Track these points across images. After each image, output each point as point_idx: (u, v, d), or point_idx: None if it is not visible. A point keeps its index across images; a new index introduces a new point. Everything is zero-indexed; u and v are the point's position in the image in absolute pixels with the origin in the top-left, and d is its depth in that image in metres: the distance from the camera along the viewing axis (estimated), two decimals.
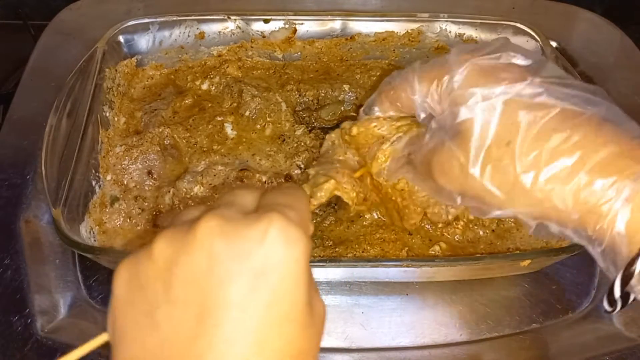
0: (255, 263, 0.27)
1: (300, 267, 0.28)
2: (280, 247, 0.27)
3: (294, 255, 0.27)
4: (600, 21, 0.78)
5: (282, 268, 0.27)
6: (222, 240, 0.27)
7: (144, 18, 0.66)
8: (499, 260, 0.50)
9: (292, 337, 0.27)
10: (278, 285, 0.27)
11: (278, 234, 0.27)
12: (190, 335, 0.26)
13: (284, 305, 0.27)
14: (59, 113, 0.55)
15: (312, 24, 0.68)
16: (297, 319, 0.27)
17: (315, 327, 0.29)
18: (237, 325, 0.26)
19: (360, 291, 0.55)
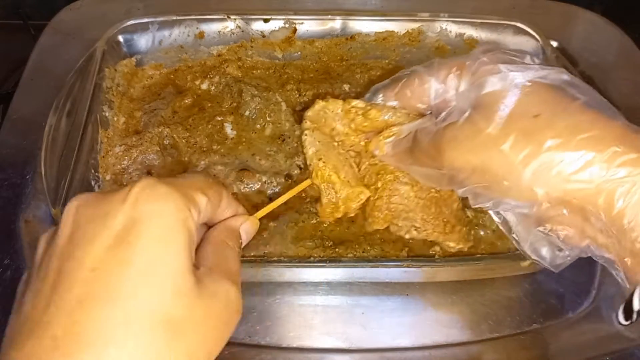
0: (114, 222, 0.26)
1: (166, 222, 0.27)
2: (143, 202, 0.27)
3: (157, 211, 0.27)
4: (600, 21, 0.78)
5: (143, 224, 0.26)
6: (85, 208, 0.27)
7: (144, 18, 0.66)
8: (500, 260, 0.50)
9: (154, 296, 0.25)
10: (135, 241, 0.26)
11: (141, 191, 0.27)
12: (43, 304, 0.25)
13: (143, 263, 0.25)
14: (58, 113, 0.55)
15: (312, 23, 0.68)
16: (162, 278, 0.26)
17: (202, 300, 0.27)
18: (88, 286, 0.25)
19: (361, 291, 0.55)
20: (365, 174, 0.49)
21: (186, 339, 0.26)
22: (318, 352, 0.51)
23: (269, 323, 0.53)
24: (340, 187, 0.47)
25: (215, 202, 0.32)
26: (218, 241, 0.33)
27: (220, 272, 0.30)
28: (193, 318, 0.27)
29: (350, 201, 0.48)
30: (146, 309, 0.25)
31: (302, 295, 0.54)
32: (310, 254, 0.51)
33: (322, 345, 0.52)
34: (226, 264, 0.31)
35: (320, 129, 0.49)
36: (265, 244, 0.52)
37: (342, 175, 0.47)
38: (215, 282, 0.29)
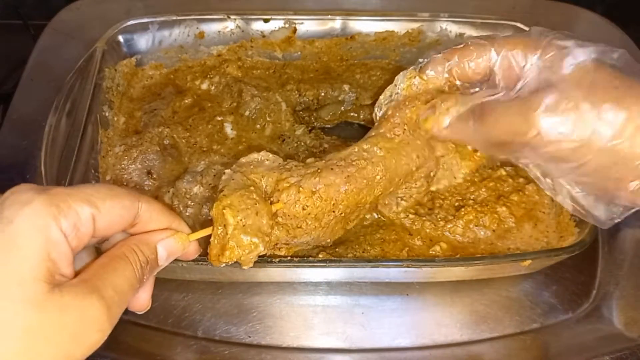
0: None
1: (15, 229, 0.26)
2: (3, 209, 0.27)
3: (10, 216, 0.27)
4: (600, 21, 0.78)
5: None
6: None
7: (144, 18, 0.66)
8: (500, 260, 0.50)
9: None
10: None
11: (8, 196, 0.27)
12: None
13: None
14: (58, 113, 0.55)
15: (312, 23, 0.68)
16: (2, 285, 0.26)
17: (45, 311, 0.26)
18: None
19: (361, 291, 0.55)
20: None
21: (9, 345, 0.25)
22: (318, 352, 0.51)
23: (269, 323, 0.53)
24: (232, 229, 0.40)
25: (117, 214, 0.31)
26: (115, 253, 0.32)
27: (90, 285, 0.29)
28: (19, 326, 0.26)
29: (239, 248, 0.40)
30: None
31: (302, 295, 0.55)
32: (310, 254, 0.51)
33: (322, 345, 0.52)
34: (107, 278, 0.30)
35: (244, 173, 0.45)
36: None
37: (238, 217, 0.40)
38: (74, 295, 0.28)
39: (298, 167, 0.45)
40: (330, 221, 0.45)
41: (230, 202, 0.41)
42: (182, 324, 0.52)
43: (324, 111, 0.65)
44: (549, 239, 0.53)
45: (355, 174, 0.45)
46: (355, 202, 0.45)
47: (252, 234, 0.41)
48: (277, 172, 0.45)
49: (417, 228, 0.53)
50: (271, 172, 0.45)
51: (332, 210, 0.44)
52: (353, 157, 0.45)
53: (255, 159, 0.46)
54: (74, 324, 0.27)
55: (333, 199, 0.44)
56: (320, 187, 0.43)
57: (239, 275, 0.53)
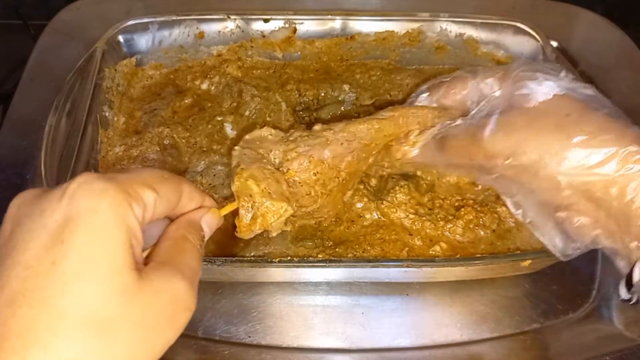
0: (50, 220, 0.26)
1: (100, 218, 0.26)
2: (78, 199, 0.26)
3: (92, 208, 0.26)
4: (600, 21, 0.78)
5: (77, 222, 0.26)
6: (26, 204, 0.27)
7: (144, 18, 0.66)
8: (500, 260, 0.50)
9: (85, 297, 0.25)
10: (69, 240, 0.25)
11: (77, 188, 0.26)
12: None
13: (75, 262, 0.25)
14: (58, 113, 0.55)
15: (312, 23, 0.68)
16: (95, 277, 0.25)
17: (141, 298, 0.26)
18: (20, 285, 0.24)
19: (361, 291, 0.55)
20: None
21: (120, 339, 0.25)
22: (318, 352, 0.51)
23: (269, 323, 0.53)
24: (259, 197, 0.42)
25: (170, 197, 0.32)
26: (176, 235, 0.33)
27: (171, 266, 0.29)
28: (128, 317, 0.26)
29: (270, 214, 0.42)
30: (75, 309, 0.25)
31: (302, 295, 0.55)
32: (310, 254, 0.51)
33: (322, 345, 0.52)
34: (182, 259, 0.31)
35: (252, 149, 0.46)
36: (265, 244, 0.52)
37: (262, 185, 0.42)
38: (162, 277, 0.28)
39: (303, 137, 0.48)
40: (334, 187, 0.48)
41: (251, 173, 0.43)
42: None
43: (324, 111, 0.65)
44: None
45: (359, 148, 0.48)
46: (355, 170, 0.49)
47: (279, 199, 0.43)
48: (283, 145, 0.47)
49: (417, 228, 0.53)
50: (277, 145, 0.47)
51: (337, 177, 0.48)
52: (362, 134, 0.48)
53: (259, 135, 0.48)
54: (168, 306, 0.28)
55: (338, 166, 0.48)
56: (328, 156, 0.47)
57: (239, 275, 0.53)
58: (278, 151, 0.47)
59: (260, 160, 0.45)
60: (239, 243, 0.52)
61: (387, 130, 0.49)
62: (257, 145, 0.47)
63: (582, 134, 0.38)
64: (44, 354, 0.24)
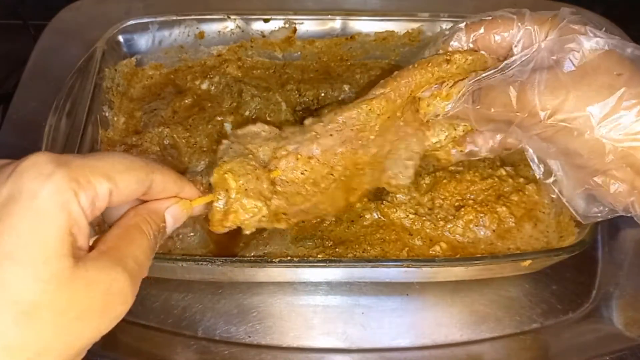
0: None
1: (39, 204, 0.26)
2: (24, 180, 0.26)
3: (33, 190, 0.26)
4: (600, 21, 0.78)
5: (18, 202, 0.25)
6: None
7: (144, 18, 0.66)
8: (500, 260, 0.50)
9: (11, 279, 0.25)
10: (5, 219, 0.25)
11: (26, 167, 0.26)
12: None
13: (9, 242, 0.25)
14: (58, 113, 0.55)
15: (312, 23, 0.68)
16: (25, 261, 0.25)
17: (71, 287, 0.26)
18: None
19: (361, 291, 0.55)
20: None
21: (40, 326, 0.25)
22: (318, 352, 0.51)
23: (269, 323, 0.53)
24: (234, 193, 0.41)
25: (131, 188, 0.31)
26: (129, 223, 0.32)
27: (113, 257, 0.29)
28: (53, 305, 0.25)
29: (243, 211, 0.41)
30: (0, 289, 0.24)
31: (302, 295, 0.54)
32: (310, 254, 0.51)
33: (322, 345, 0.52)
34: (127, 249, 0.30)
35: (241, 144, 0.45)
36: (265, 244, 0.52)
37: (240, 181, 0.41)
38: (99, 268, 0.28)
39: (295, 133, 0.46)
40: (330, 185, 0.45)
41: (231, 167, 0.41)
42: (182, 324, 0.52)
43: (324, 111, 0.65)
44: (549, 239, 0.53)
45: (352, 136, 0.45)
46: (353, 163, 0.46)
47: (255, 197, 0.41)
48: (274, 142, 0.45)
49: (417, 228, 0.53)
50: (269, 142, 0.45)
51: (330, 174, 0.45)
52: (353, 121, 0.45)
53: (252, 131, 0.47)
54: (101, 298, 0.27)
55: (330, 161, 0.45)
56: (317, 152, 0.44)
57: (239, 275, 0.53)
58: (267, 148, 0.45)
59: (245, 156, 0.43)
60: (239, 243, 0.52)
61: (379, 109, 0.45)
62: (247, 140, 0.46)
63: (633, 97, 0.36)
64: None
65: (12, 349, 0.25)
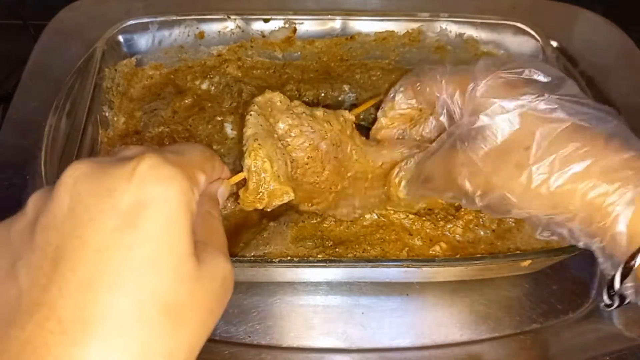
0: (119, 201, 0.25)
1: (171, 207, 0.26)
2: (149, 184, 0.26)
3: (163, 195, 0.26)
4: (600, 21, 0.78)
5: (150, 208, 0.25)
6: (86, 180, 0.26)
7: (144, 18, 0.66)
8: (500, 260, 0.50)
9: (159, 284, 0.25)
10: (143, 225, 0.25)
11: (147, 171, 0.26)
12: (44, 283, 0.24)
13: (149, 249, 0.25)
14: (58, 113, 0.55)
15: (312, 23, 0.68)
16: (167, 265, 0.25)
17: (202, 283, 0.27)
18: (93, 268, 0.24)
19: (361, 291, 0.55)
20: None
21: (187, 325, 0.26)
22: (318, 352, 0.51)
23: (269, 323, 0.53)
24: (270, 177, 0.43)
25: (210, 177, 0.33)
26: (203, 212, 0.33)
27: (214, 247, 0.30)
28: (193, 303, 0.26)
29: (274, 197, 0.44)
30: (151, 296, 0.25)
31: (302, 295, 0.55)
32: (310, 254, 0.51)
33: (322, 345, 0.52)
34: (217, 238, 0.31)
35: (265, 117, 0.47)
36: (265, 244, 0.52)
37: (274, 167, 0.44)
38: (213, 260, 0.29)
39: (307, 116, 0.49)
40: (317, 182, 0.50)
41: (267, 153, 0.44)
42: None
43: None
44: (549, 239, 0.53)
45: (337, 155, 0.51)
46: (335, 179, 0.51)
47: (286, 183, 0.44)
48: (289, 118, 0.48)
49: (417, 228, 0.53)
50: (283, 115, 0.48)
51: (321, 172, 0.50)
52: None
53: (269, 98, 0.49)
54: (220, 289, 0.28)
55: (324, 163, 0.49)
56: (322, 149, 0.48)
57: (239, 275, 0.53)
58: (284, 124, 0.47)
59: (272, 136, 0.45)
60: (239, 243, 0.52)
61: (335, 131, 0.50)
62: (268, 112, 0.47)
63: (541, 172, 0.35)
64: (126, 341, 0.24)
65: (175, 351, 0.25)
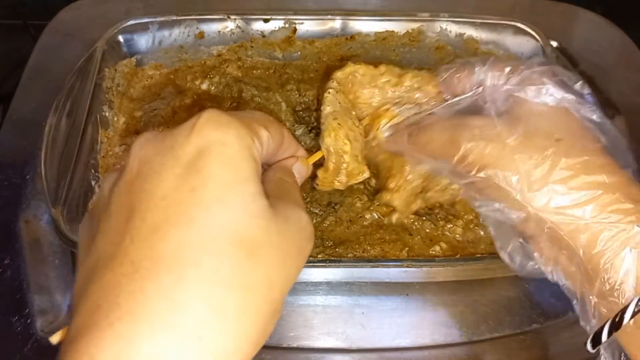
0: (181, 152, 0.26)
1: (231, 150, 0.27)
2: (207, 132, 0.27)
3: (221, 139, 0.27)
4: (600, 21, 0.78)
5: (209, 152, 0.26)
6: (150, 143, 0.28)
7: (144, 18, 0.66)
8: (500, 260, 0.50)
9: (228, 219, 0.25)
10: (204, 168, 0.26)
11: (205, 122, 0.27)
12: (118, 240, 0.25)
13: (214, 188, 0.25)
14: (58, 113, 0.55)
15: (312, 23, 0.68)
16: (235, 201, 0.26)
17: (276, 223, 0.27)
18: (162, 212, 0.25)
19: (361, 291, 0.55)
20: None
21: (263, 261, 0.26)
22: (318, 352, 0.51)
23: None
24: (349, 158, 0.44)
25: (277, 139, 0.32)
26: (275, 178, 0.33)
27: (289, 200, 0.30)
28: (269, 240, 0.26)
29: (352, 176, 0.44)
30: (221, 230, 0.25)
31: (302, 295, 0.55)
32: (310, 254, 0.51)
33: (322, 345, 0.52)
34: (292, 195, 0.32)
35: (345, 94, 0.46)
36: None
37: (353, 147, 0.44)
38: (287, 207, 0.29)
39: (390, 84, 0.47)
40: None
41: (346, 133, 0.43)
42: None
43: None
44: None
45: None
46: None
47: (363, 162, 0.44)
48: (368, 90, 0.47)
49: (417, 228, 0.53)
50: (367, 91, 0.47)
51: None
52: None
53: (351, 71, 0.47)
54: (297, 234, 0.28)
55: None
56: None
57: None
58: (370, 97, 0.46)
59: (350, 113, 0.45)
60: None
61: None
62: (348, 88, 0.46)
63: (567, 169, 0.34)
64: (197, 271, 0.24)
65: (252, 286, 0.25)
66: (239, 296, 0.24)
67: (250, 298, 0.25)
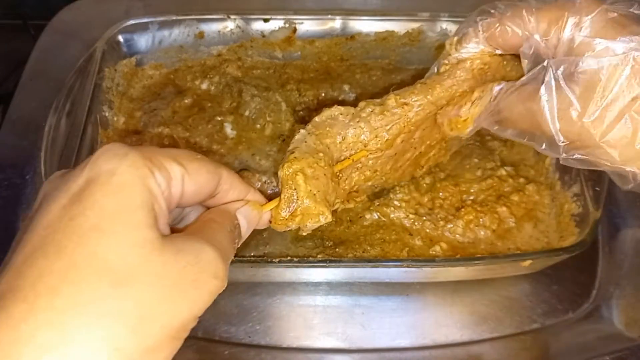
0: (72, 184, 0.26)
1: (119, 179, 0.26)
2: (100, 163, 0.27)
3: (112, 169, 0.26)
4: None
5: (96, 182, 0.26)
6: (56, 179, 0.28)
7: (144, 18, 0.66)
8: (500, 260, 0.50)
9: (101, 248, 0.25)
10: (87, 198, 0.26)
11: (101, 154, 0.27)
12: (1, 269, 0.26)
13: (93, 217, 0.25)
14: (58, 113, 0.55)
15: (312, 23, 0.68)
16: (113, 231, 0.25)
17: (162, 253, 0.26)
18: (38, 242, 0.25)
19: (361, 292, 0.55)
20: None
21: (138, 291, 0.25)
22: (318, 352, 0.51)
23: (269, 323, 0.53)
24: (303, 194, 0.39)
25: (202, 178, 0.31)
26: (206, 219, 0.33)
27: (198, 236, 0.29)
28: (150, 270, 0.25)
29: (307, 216, 0.40)
30: (89, 258, 0.24)
31: (302, 295, 0.54)
32: (310, 254, 0.51)
33: (322, 345, 0.52)
34: (210, 234, 0.30)
35: (320, 137, 0.44)
36: (265, 244, 0.52)
37: (310, 184, 0.40)
38: (187, 241, 0.28)
39: (375, 113, 0.45)
40: (404, 163, 0.49)
41: (302, 167, 0.40)
42: None
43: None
44: (549, 239, 0.53)
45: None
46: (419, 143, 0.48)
47: (322, 203, 0.40)
48: (352, 128, 0.45)
49: (417, 228, 0.53)
50: (347, 129, 0.45)
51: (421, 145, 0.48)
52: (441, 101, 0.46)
53: (329, 115, 0.46)
54: (192, 268, 0.27)
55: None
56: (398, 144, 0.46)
57: (239, 275, 0.53)
58: (349, 138, 0.45)
59: (317, 153, 0.42)
60: None
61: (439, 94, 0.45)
62: (326, 131, 0.44)
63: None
64: (52, 298, 0.23)
65: (115, 315, 0.24)
66: (103, 326, 0.24)
67: (116, 328, 0.24)
